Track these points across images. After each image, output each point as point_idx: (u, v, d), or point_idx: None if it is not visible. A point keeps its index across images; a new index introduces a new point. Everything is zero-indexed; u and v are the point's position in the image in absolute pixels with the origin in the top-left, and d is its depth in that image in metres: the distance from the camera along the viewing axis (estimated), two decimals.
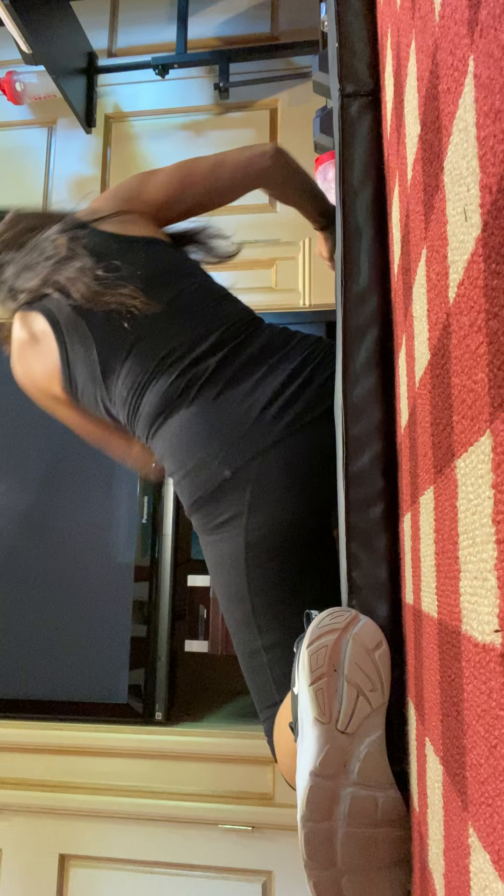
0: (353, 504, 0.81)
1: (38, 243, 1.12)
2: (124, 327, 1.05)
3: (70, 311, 1.08)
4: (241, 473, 0.97)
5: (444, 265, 0.41)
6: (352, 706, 0.70)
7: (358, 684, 0.70)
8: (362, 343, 0.85)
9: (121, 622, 1.89)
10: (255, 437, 0.98)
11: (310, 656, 0.71)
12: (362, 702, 0.70)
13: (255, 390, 1.02)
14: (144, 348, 1.06)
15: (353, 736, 0.70)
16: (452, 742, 0.42)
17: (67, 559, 1.97)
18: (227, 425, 1.00)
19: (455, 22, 0.36)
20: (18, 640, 1.95)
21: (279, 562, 0.97)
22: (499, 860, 0.30)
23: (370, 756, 0.70)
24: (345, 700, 0.70)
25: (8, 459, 2.08)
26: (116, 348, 1.06)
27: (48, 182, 2.40)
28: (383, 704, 0.71)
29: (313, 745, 0.70)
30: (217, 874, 1.73)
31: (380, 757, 0.70)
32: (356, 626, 0.74)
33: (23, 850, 1.82)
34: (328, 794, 0.69)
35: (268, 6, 2.40)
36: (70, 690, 1.88)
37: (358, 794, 0.69)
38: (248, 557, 0.97)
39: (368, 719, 0.70)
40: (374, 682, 0.71)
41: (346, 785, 0.69)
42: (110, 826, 1.79)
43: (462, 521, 0.38)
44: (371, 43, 0.94)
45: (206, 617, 1.82)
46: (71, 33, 2.28)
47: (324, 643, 0.72)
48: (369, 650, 0.72)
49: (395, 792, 0.70)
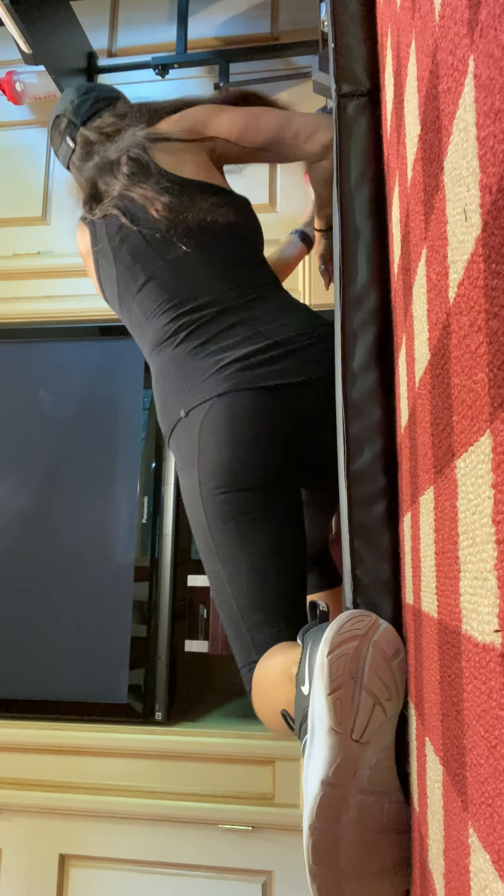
0: (355, 502, 0.81)
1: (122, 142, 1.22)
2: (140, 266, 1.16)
3: (105, 238, 1.22)
4: (192, 414, 1.07)
5: (444, 265, 0.41)
6: (368, 716, 0.69)
7: (375, 694, 0.70)
8: (361, 342, 0.85)
9: (121, 622, 1.89)
10: (211, 385, 1.06)
11: (330, 665, 0.70)
12: (378, 711, 0.70)
13: (232, 348, 1.08)
14: (153, 288, 1.16)
15: (367, 745, 0.70)
16: (452, 742, 0.42)
17: (68, 559, 1.97)
18: (194, 373, 1.09)
19: (455, 22, 0.36)
20: (18, 640, 1.95)
21: (225, 499, 1.03)
22: (499, 860, 0.30)
23: (380, 763, 0.70)
24: (361, 710, 0.69)
25: (8, 459, 2.08)
26: (132, 281, 1.19)
27: (48, 182, 2.40)
28: (397, 712, 0.71)
29: (326, 753, 0.69)
30: (217, 874, 1.73)
31: (389, 763, 0.70)
32: (377, 632, 0.73)
33: (23, 850, 1.82)
34: (338, 803, 0.69)
35: (268, 6, 2.40)
36: (70, 690, 1.88)
37: (366, 801, 0.69)
38: (202, 493, 1.06)
39: (382, 727, 0.70)
40: (391, 691, 0.70)
41: (355, 792, 0.69)
42: (110, 826, 1.79)
43: (462, 521, 0.38)
44: (368, 43, 0.94)
45: (206, 617, 1.82)
46: (71, 33, 2.28)
47: (344, 651, 0.71)
48: (388, 658, 0.71)
49: (401, 796, 0.70)
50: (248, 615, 1.01)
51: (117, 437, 2.02)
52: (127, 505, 1.97)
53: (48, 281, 2.23)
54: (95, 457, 2.03)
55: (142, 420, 2.01)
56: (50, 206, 2.35)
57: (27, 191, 2.38)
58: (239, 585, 1.02)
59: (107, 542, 1.96)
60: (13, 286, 2.24)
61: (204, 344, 1.10)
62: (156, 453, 1.98)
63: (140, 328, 1.20)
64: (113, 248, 1.20)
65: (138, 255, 1.17)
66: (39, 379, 2.11)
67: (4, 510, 2.05)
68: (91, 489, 2.00)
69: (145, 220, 1.16)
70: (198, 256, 1.14)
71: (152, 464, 1.97)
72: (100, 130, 1.27)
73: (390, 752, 0.71)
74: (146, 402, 2.02)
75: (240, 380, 1.04)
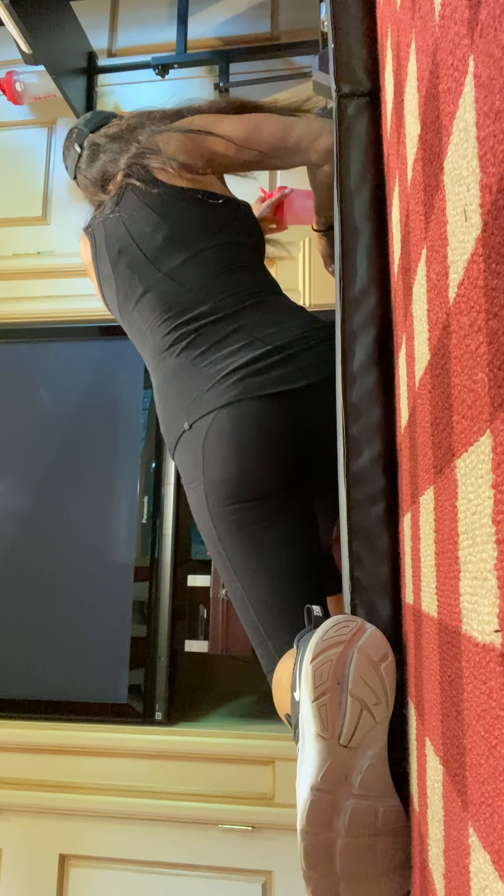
0: (354, 503, 0.81)
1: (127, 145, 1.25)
2: (137, 278, 1.18)
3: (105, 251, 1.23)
4: (196, 426, 1.07)
5: (444, 265, 0.41)
6: (355, 721, 0.70)
7: (362, 699, 0.70)
8: (361, 343, 0.85)
9: (121, 622, 1.89)
10: (214, 396, 1.05)
11: (314, 672, 0.70)
12: (366, 716, 0.70)
13: (232, 356, 1.07)
14: (152, 297, 1.17)
15: (356, 749, 0.70)
16: (452, 742, 0.42)
17: (68, 559, 1.97)
18: (196, 384, 1.08)
19: (455, 22, 0.36)
20: (19, 640, 1.95)
21: (234, 510, 1.03)
22: (499, 860, 0.30)
23: (372, 767, 0.70)
24: (348, 715, 0.70)
25: (8, 459, 2.08)
26: (130, 292, 1.20)
27: (48, 182, 2.40)
28: (387, 717, 0.71)
29: (315, 759, 0.70)
30: (217, 874, 1.73)
31: (381, 768, 0.70)
32: (362, 637, 0.73)
33: (23, 850, 1.82)
34: (329, 807, 0.69)
35: (268, 6, 2.40)
36: (70, 690, 1.88)
37: (359, 805, 0.69)
38: (210, 505, 1.05)
39: (372, 732, 0.70)
40: (378, 695, 0.70)
41: (347, 797, 0.69)
42: (110, 826, 1.79)
43: (462, 521, 0.38)
44: (368, 43, 0.94)
45: (206, 617, 1.82)
46: (71, 33, 2.28)
47: (328, 657, 0.71)
48: (375, 663, 0.71)
49: (396, 801, 0.70)
50: (267, 623, 1.01)
51: (117, 437, 2.02)
52: (127, 505, 1.97)
53: (48, 281, 2.23)
54: (95, 457, 2.03)
55: (142, 420, 2.01)
56: (50, 206, 2.35)
57: (27, 191, 2.38)
58: (255, 594, 1.02)
59: (107, 542, 1.96)
60: (13, 286, 2.24)
61: (203, 353, 1.09)
62: (156, 453, 1.98)
63: (142, 338, 1.21)
64: (112, 260, 1.21)
65: (135, 267, 1.18)
66: (39, 379, 2.11)
67: (5, 510, 2.05)
68: (91, 489, 2.00)
69: (142, 234, 1.17)
70: (194, 266, 1.14)
71: (152, 464, 1.97)
72: (107, 134, 1.30)
73: (383, 757, 0.70)
74: (146, 402, 2.02)
75: (242, 389, 1.04)
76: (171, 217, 1.16)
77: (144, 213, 1.17)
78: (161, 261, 1.16)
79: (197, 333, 1.11)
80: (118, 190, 1.22)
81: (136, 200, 1.19)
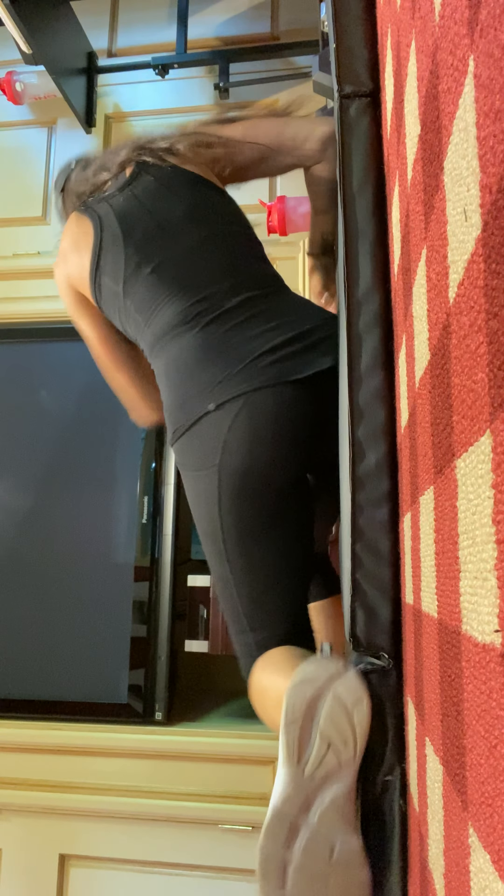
0: (359, 506, 0.81)
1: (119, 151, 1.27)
2: (155, 247, 1.13)
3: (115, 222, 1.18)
4: (224, 409, 1.01)
5: (444, 265, 0.41)
6: (320, 757, 0.73)
7: (330, 738, 0.73)
8: (366, 345, 0.85)
9: (121, 622, 1.89)
10: (247, 377, 1.01)
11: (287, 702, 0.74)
12: (331, 756, 0.73)
13: (259, 337, 1.04)
14: (169, 268, 1.12)
15: (318, 784, 0.73)
16: (452, 742, 0.42)
17: (68, 559, 1.97)
18: (226, 359, 1.03)
19: (455, 22, 0.36)
20: (19, 640, 1.95)
21: (247, 504, 1.01)
22: (499, 860, 0.30)
23: (334, 804, 0.73)
24: (315, 750, 0.74)
25: (8, 460, 2.08)
26: (143, 261, 1.14)
27: (48, 182, 2.40)
28: (354, 760, 0.74)
29: (279, 782, 0.74)
30: (217, 874, 1.73)
31: (345, 807, 0.73)
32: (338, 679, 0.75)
33: (23, 850, 1.82)
34: (288, 829, 0.73)
35: (268, 6, 2.40)
36: (70, 690, 1.88)
37: (316, 835, 0.73)
38: (221, 496, 1.02)
39: (337, 772, 0.73)
40: (346, 739, 0.73)
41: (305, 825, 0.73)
42: (110, 826, 1.79)
43: (462, 521, 0.38)
44: (369, 44, 0.94)
45: (206, 617, 1.82)
46: (71, 33, 2.28)
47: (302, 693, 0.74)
48: (347, 708, 0.74)
49: (356, 839, 0.73)
50: (252, 614, 1.02)
51: (117, 437, 2.02)
52: (127, 505, 1.96)
53: (48, 281, 2.22)
54: (95, 457, 2.03)
55: None
56: (50, 206, 2.35)
57: (27, 191, 2.38)
58: (246, 585, 1.02)
59: (107, 542, 1.96)
60: (13, 286, 2.23)
61: (228, 332, 1.05)
62: (156, 453, 1.98)
63: (148, 313, 1.13)
64: (124, 231, 1.16)
65: (151, 238, 1.14)
66: (39, 379, 2.11)
67: (4, 510, 2.05)
68: (91, 489, 2.00)
69: (159, 208, 1.17)
70: (214, 243, 1.14)
71: (152, 464, 1.97)
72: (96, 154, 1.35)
73: (350, 797, 0.74)
74: None
75: (273, 373, 1.01)
76: (188, 196, 1.17)
77: (160, 189, 1.17)
78: (180, 234, 1.14)
79: (223, 310, 1.07)
80: (132, 170, 1.22)
81: (151, 179, 1.19)
